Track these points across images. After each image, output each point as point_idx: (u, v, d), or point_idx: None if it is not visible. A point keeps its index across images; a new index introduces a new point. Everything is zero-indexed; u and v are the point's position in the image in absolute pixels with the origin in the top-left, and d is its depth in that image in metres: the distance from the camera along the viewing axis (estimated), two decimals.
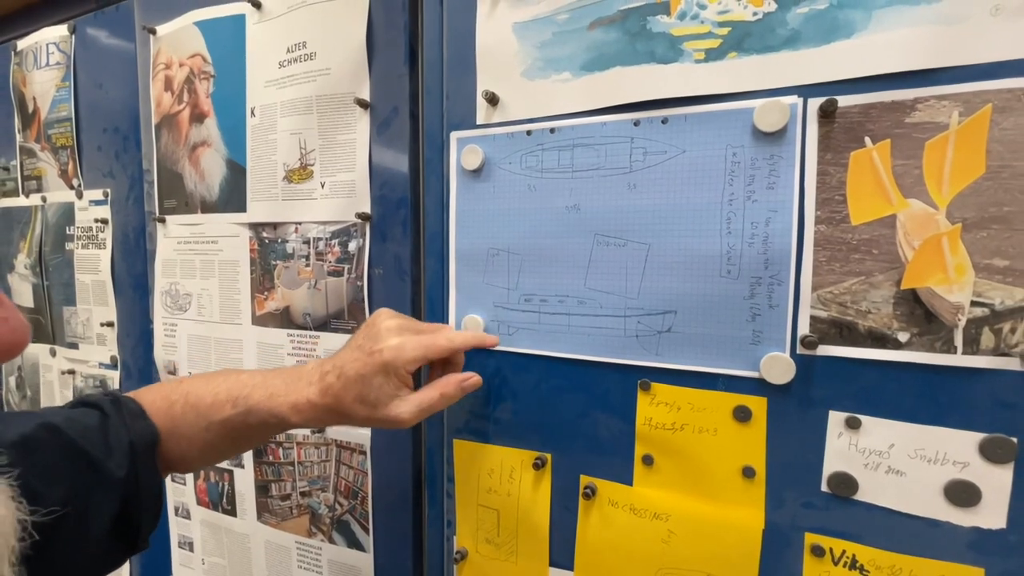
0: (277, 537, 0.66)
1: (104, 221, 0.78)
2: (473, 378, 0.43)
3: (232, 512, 0.69)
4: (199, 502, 0.72)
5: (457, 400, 0.43)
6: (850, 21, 0.35)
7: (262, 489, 0.66)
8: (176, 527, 0.76)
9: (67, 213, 0.83)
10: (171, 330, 0.72)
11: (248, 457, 0.67)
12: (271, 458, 0.65)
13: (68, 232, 0.83)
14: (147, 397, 0.42)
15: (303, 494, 0.64)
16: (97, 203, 0.79)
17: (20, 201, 0.89)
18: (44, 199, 0.86)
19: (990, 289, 0.32)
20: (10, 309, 0.17)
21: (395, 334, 0.40)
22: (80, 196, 0.81)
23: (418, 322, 0.45)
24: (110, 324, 0.79)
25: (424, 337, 0.41)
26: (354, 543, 0.60)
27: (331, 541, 0.62)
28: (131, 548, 0.38)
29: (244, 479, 0.68)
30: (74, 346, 0.85)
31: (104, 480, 0.34)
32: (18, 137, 0.87)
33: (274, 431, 0.43)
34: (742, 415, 0.39)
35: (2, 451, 0.18)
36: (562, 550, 0.47)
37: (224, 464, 0.68)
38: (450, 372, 0.44)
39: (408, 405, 0.40)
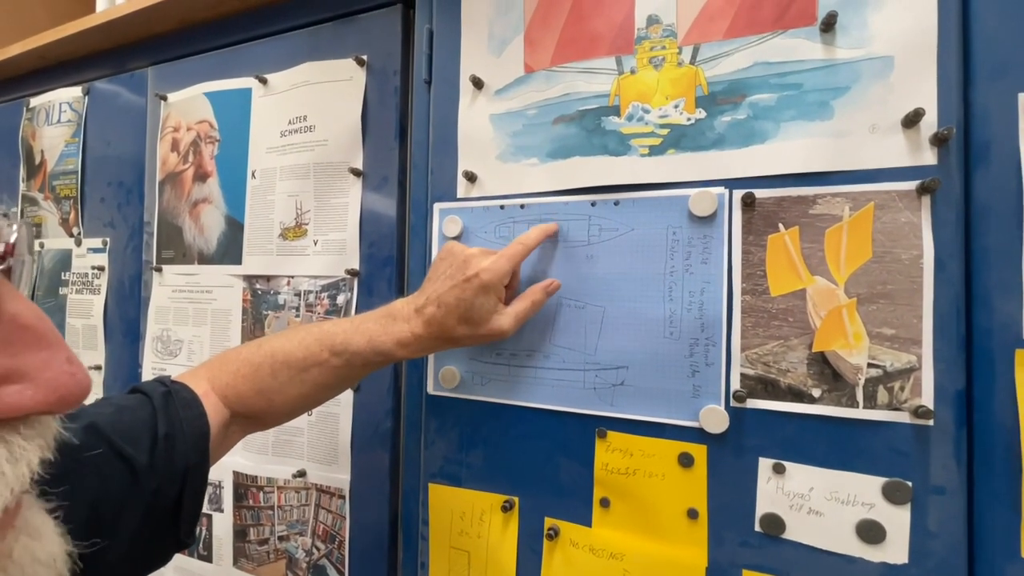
0: None
1: (101, 268, 0.82)
2: (554, 283, 0.48)
3: (208, 558, 0.70)
4: None
5: (543, 305, 0.47)
6: (764, 130, 0.42)
7: (240, 534, 0.68)
8: None
9: (64, 259, 0.86)
10: (160, 375, 0.75)
11: (228, 501, 0.68)
12: (251, 502, 0.67)
13: (63, 277, 0.86)
14: (225, 368, 0.45)
15: (281, 538, 0.65)
16: (95, 251, 0.83)
17: None
18: (42, 245, 0.89)
19: (882, 353, 0.39)
20: (76, 363, 0.20)
21: (482, 258, 0.44)
22: (79, 244, 0.85)
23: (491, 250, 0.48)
24: (98, 368, 0.81)
25: (505, 251, 0.45)
26: None
27: None
28: (176, 544, 0.39)
29: (223, 524, 0.69)
30: None
31: (140, 487, 0.36)
32: (21, 186, 0.92)
33: (376, 368, 0.47)
34: (686, 461, 0.44)
35: (48, 474, 0.20)
36: None
37: (203, 508, 0.70)
38: (509, 292, 0.48)
39: (507, 317, 0.45)
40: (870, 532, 0.38)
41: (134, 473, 0.36)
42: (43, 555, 0.20)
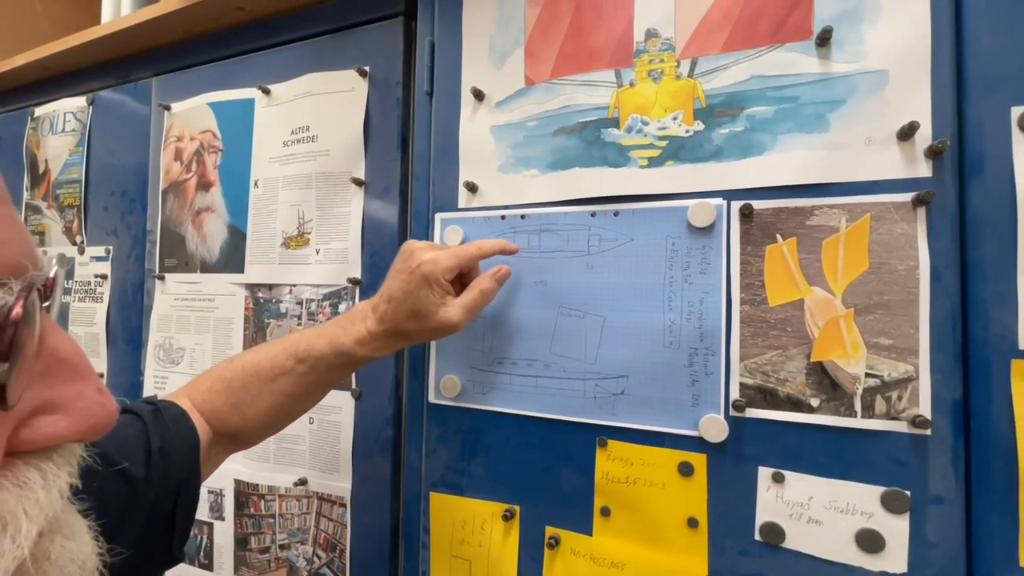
0: None
1: (103, 276, 0.82)
2: (503, 269, 0.48)
3: (209, 566, 0.70)
4: None
5: (495, 294, 0.47)
6: (761, 142, 0.43)
7: (241, 542, 0.68)
8: None
9: (67, 268, 0.87)
10: (161, 383, 0.75)
11: (229, 509, 0.69)
12: (252, 510, 0.67)
13: (66, 285, 0.86)
14: (200, 387, 0.46)
15: (282, 547, 0.65)
16: (98, 259, 0.83)
17: None
18: (44, 253, 0.90)
19: (879, 363, 0.39)
20: (106, 393, 0.21)
21: (427, 251, 0.45)
22: (82, 252, 0.85)
23: (449, 246, 0.49)
24: (100, 375, 0.81)
25: (454, 247, 0.46)
26: None
27: None
28: (168, 559, 0.40)
29: (224, 532, 0.69)
30: None
31: (138, 499, 0.36)
32: (25, 195, 0.92)
33: (343, 371, 0.47)
34: (686, 470, 0.44)
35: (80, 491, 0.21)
36: None
37: (204, 516, 0.70)
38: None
39: (455, 309, 0.44)
40: (869, 541, 0.39)
41: (132, 487, 0.36)
42: (79, 555, 0.21)
